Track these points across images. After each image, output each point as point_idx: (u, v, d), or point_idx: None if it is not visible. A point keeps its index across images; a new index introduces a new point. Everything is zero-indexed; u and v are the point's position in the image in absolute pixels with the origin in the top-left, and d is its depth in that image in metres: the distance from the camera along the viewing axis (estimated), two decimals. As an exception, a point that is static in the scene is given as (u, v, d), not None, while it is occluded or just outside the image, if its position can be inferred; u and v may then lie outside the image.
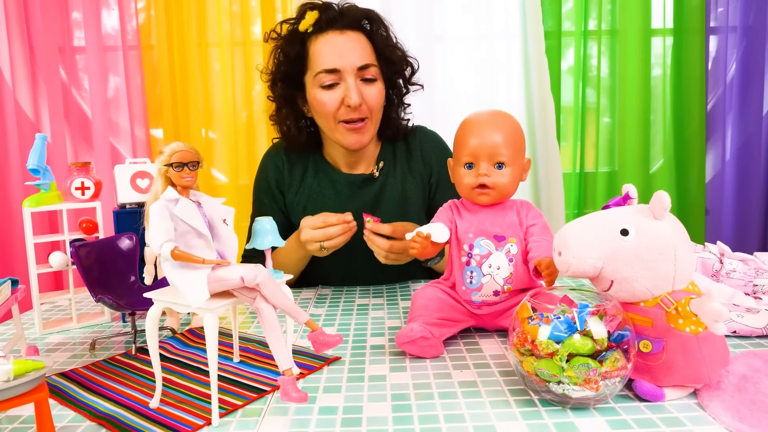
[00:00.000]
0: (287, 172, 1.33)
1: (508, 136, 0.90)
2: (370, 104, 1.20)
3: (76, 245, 0.91)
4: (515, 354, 0.70)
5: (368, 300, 1.17)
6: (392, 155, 1.33)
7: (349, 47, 1.18)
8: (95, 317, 1.10)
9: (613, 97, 2.18)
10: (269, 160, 1.36)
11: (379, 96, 1.22)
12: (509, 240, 0.90)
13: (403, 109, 1.33)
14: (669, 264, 0.66)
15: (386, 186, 1.30)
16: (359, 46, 1.19)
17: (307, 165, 1.33)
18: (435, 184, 1.33)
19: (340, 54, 1.17)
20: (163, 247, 0.64)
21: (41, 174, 1.04)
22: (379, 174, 1.31)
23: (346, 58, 1.17)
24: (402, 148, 1.34)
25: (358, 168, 1.32)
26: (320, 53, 1.18)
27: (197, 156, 0.69)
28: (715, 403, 0.65)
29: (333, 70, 1.17)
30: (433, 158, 1.33)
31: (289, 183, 1.33)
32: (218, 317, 0.66)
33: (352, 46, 1.18)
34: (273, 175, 1.34)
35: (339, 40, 1.18)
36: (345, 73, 1.17)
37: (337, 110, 1.19)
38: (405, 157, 1.33)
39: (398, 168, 1.32)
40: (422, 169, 1.33)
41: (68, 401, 0.75)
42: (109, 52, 2.15)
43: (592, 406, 0.67)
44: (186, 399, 0.74)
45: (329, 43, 1.18)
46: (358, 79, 1.18)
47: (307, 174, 1.33)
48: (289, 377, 0.65)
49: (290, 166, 1.33)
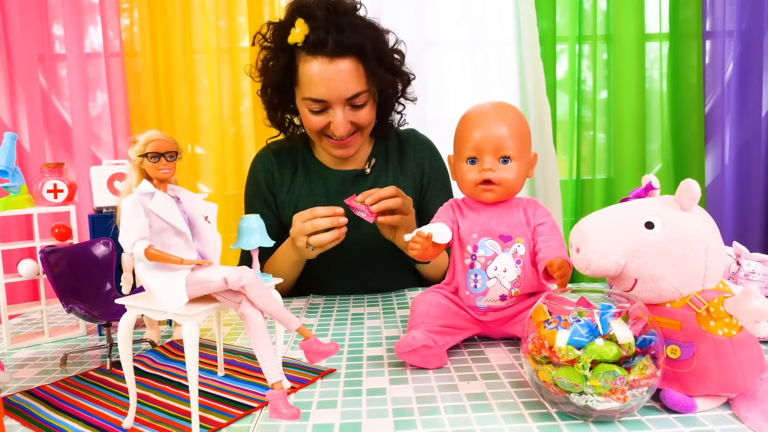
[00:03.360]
0: (277, 173, 1.30)
1: (514, 128, 0.84)
2: (359, 125, 1.18)
3: (45, 251, 0.84)
4: (530, 362, 0.63)
5: (363, 309, 1.10)
6: (384, 153, 1.32)
7: (338, 78, 1.11)
8: (69, 330, 1.02)
9: (609, 103, 2.15)
10: (258, 163, 1.33)
11: (369, 115, 1.19)
12: (516, 240, 0.83)
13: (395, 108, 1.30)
14: (699, 260, 0.60)
15: (378, 183, 1.27)
16: (348, 76, 1.12)
17: (297, 164, 1.31)
18: (426, 184, 1.32)
19: (328, 85, 1.11)
20: (135, 246, 0.57)
21: (10, 176, 0.97)
22: (370, 171, 1.28)
23: (334, 90, 1.12)
24: (394, 148, 1.32)
25: (349, 164, 1.29)
26: (308, 79, 1.12)
27: (175, 146, 0.62)
28: (755, 414, 0.58)
29: (321, 101, 1.13)
30: (426, 159, 1.32)
31: (280, 183, 1.29)
32: (199, 325, 0.59)
33: (341, 76, 1.11)
34: (263, 177, 1.30)
35: (328, 70, 1.10)
36: (332, 103, 1.14)
37: (325, 129, 1.17)
38: (397, 156, 1.31)
39: (390, 166, 1.30)
40: (414, 168, 1.31)
41: (32, 422, 0.67)
42: (91, 60, 2.08)
43: (617, 420, 0.61)
44: (163, 417, 0.66)
45: (318, 73, 1.11)
46: (346, 108, 1.15)
47: (297, 173, 1.30)
48: (278, 391, 0.57)
49: (280, 166, 1.30)
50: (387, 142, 1.32)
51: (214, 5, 2.05)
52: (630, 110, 2.07)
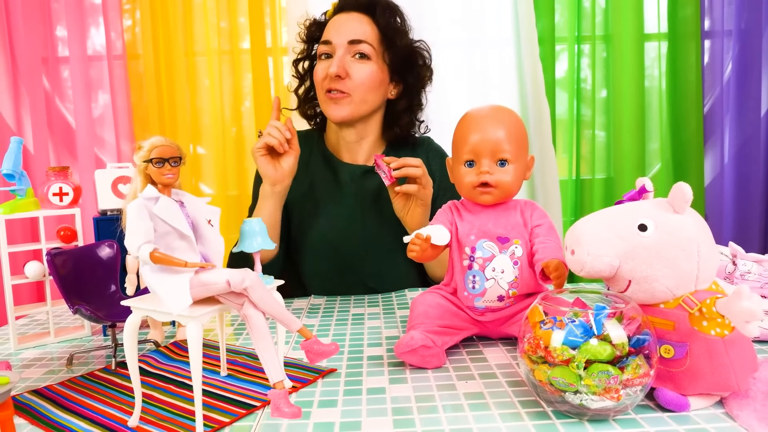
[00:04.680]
0: None
1: (511, 131, 0.85)
2: (355, 81, 1.20)
3: (51, 253, 0.85)
4: (526, 362, 0.64)
5: (363, 309, 1.11)
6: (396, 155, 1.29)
7: (348, 24, 1.22)
8: (75, 331, 1.04)
9: (608, 103, 2.15)
10: None
11: (369, 75, 1.21)
12: (513, 242, 0.84)
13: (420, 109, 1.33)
14: (692, 261, 0.61)
15: None
16: (358, 24, 1.22)
17: (311, 153, 1.34)
18: (436, 192, 1.29)
19: (338, 29, 1.22)
20: (141, 249, 0.59)
21: (17, 179, 0.99)
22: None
23: (340, 32, 1.21)
24: (407, 152, 1.31)
25: (359, 160, 1.32)
26: (326, 30, 1.25)
27: (179, 151, 0.64)
28: (747, 413, 0.60)
29: (326, 41, 1.22)
30: (437, 170, 1.31)
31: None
32: (202, 326, 0.60)
33: (351, 23, 1.22)
34: None
35: (342, 18, 1.24)
36: (336, 46, 1.20)
37: (324, 80, 1.22)
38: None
39: None
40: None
41: (40, 420, 0.68)
42: (94, 62, 2.09)
43: (611, 418, 0.62)
44: (168, 416, 0.68)
45: (335, 21, 1.24)
46: (348, 54, 1.21)
47: (310, 161, 1.33)
48: (280, 391, 0.59)
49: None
50: (398, 150, 1.31)
51: (215, 5, 2.05)
52: (629, 109, 2.07)
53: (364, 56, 1.21)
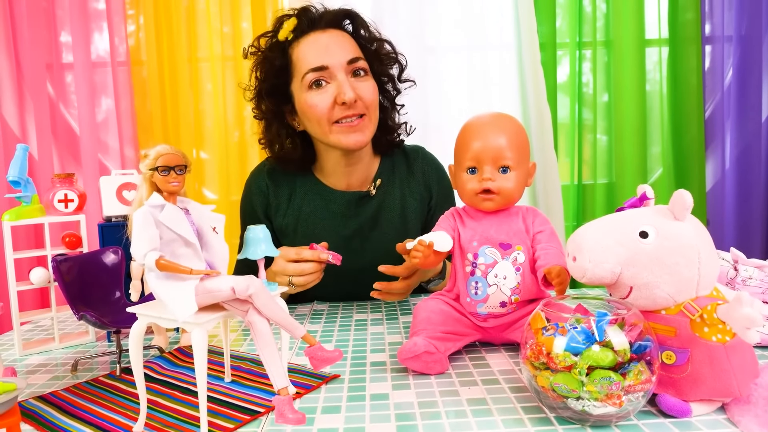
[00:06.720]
0: (272, 196, 1.25)
1: (513, 138, 0.86)
2: (365, 100, 1.13)
3: (57, 259, 0.86)
4: (528, 368, 0.65)
5: (366, 315, 1.12)
6: (391, 172, 1.27)
7: (335, 43, 1.12)
8: (79, 337, 1.04)
9: (609, 108, 2.16)
10: (253, 183, 1.29)
11: (374, 91, 1.15)
12: (516, 248, 0.85)
13: (397, 111, 1.28)
14: (693, 268, 0.61)
15: (384, 204, 1.24)
16: (344, 41, 1.14)
17: (295, 185, 1.25)
18: (434, 206, 1.29)
19: (327, 50, 1.11)
20: (147, 257, 0.59)
21: (22, 186, 1.00)
22: (376, 192, 1.24)
23: (333, 53, 1.11)
24: (402, 167, 1.28)
25: (354, 185, 1.24)
26: (305, 54, 1.12)
27: (184, 159, 0.64)
28: (748, 419, 0.60)
29: (321, 67, 1.10)
30: (434, 182, 1.29)
31: (276, 206, 1.25)
32: (207, 332, 0.61)
33: (337, 41, 1.13)
34: (258, 200, 1.26)
35: (323, 37, 1.13)
36: (334, 69, 1.11)
37: (331, 110, 1.11)
38: (405, 176, 1.28)
39: (397, 186, 1.26)
40: (423, 191, 1.28)
41: (45, 426, 0.69)
42: (98, 69, 2.10)
43: (613, 424, 0.62)
44: (173, 422, 0.68)
45: (314, 43, 1.12)
46: (348, 75, 1.12)
47: (294, 195, 1.25)
48: (284, 397, 0.59)
49: (275, 188, 1.25)
50: (394, 161, 1.28)
51: (218, 11, 2.06)
52: (631, 114, 2.08)
53: (362, 73, 1.14)
